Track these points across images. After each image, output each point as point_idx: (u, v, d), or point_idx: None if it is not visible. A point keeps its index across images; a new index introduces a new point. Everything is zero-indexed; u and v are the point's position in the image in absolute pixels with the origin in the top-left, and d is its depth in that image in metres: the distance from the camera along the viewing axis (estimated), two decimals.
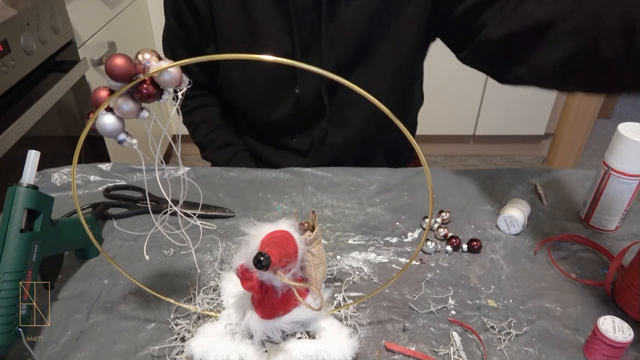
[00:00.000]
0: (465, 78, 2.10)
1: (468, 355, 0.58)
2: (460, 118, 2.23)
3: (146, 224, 0.78)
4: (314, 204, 0.83)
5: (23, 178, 0.56)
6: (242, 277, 0.49)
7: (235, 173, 0.90)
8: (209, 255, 0.72)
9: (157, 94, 0.47)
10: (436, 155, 2.41)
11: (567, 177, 0.90)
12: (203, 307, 0.62)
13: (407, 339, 0.60)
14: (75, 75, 1.28)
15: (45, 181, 0.85)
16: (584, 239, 0.76)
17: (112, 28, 1.63)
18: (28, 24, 1.11)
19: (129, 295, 0.65)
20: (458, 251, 0.73)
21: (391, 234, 0.77)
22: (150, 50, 0.46)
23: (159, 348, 0.57)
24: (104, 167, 0.90)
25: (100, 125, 0.47)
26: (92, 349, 0.58)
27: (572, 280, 0.69)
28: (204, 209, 0.79)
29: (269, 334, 0.54)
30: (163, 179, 0.84)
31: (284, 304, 0.53)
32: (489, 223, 0.79)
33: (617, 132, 0.71)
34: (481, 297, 0.66)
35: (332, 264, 0.70)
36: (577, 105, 2.14)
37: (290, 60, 0.41)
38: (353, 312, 0.63)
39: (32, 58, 1.14)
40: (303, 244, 0.53)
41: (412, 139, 0.45)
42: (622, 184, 0.73)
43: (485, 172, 0.91)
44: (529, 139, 2.38)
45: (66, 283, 0.67)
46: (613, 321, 0.56)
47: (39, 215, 0.57)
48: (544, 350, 0.58)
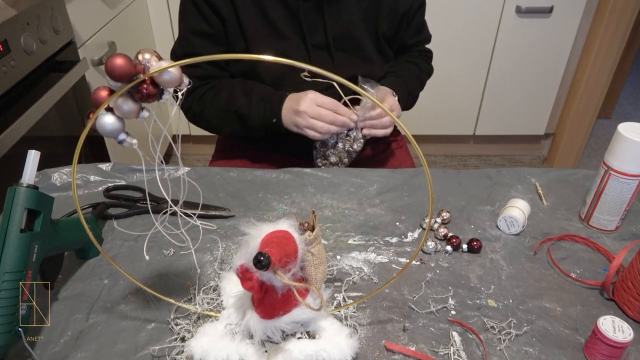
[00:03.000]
0: (465, 78, 2.10)
1: (468, 355, 0.58)
2: (460, 118, 2.23)
3: (146, 224, 0.78)
4: (314, 204, 0.83)
5: (23, 178, 0.56)
6: (242, 277, 0.49)
7: (235, 173, 0.90)
8: (209, 255, 0.72)
9: (157, 94, 0.47)
10: (436, 155, 2.41)
11: (567, 177, 0.90)
12: (203, 307, 0.61)
13: (407, 339, 0.60)
14: (75, 75, 1.28)
15: (45, 181, 0.85)
16: (584, 239, 0.76)
17: (112, 28, 1.63)
18: (28, 24, 1.11)
19: (129, 295, 0.65)
20: (458, 251, 0.73)
21: (391, 234, 0.77)
22: (150, 50, 0.46)
23: (159, 348, 0.57)
24: (104, 167, 0.90)
25: (100, 125, 0.47)
26: (92, 349, 0.58)
27: (572, 280, 0.69)
28: (204, 209, 0.79)
29: (269, 334, 0.54)
30: (163, 179, 0.84)
31: (284, 304, 0.53)
32: (489, 223, 0.79)
33: (617, 132, 0.71)
34: (481, 297, 0.66)
35: (332, 264, 0.70)
36: (577, 105, 2.14)
37: (290, 60, 0.41)
38: (353, 312, 0.63)
39: (32, 58, 1.14)
40: (303, 244, 0.53)
41: (412, 138, 0.45)
42: (622, 184, 0.73)
43: (485, 172, 0.91)
44: (529, 139, 2.38)
45: (66, 283, 0.67)
46: (613, 321, 0.56)
47: (39, 215, 0.57)
48: (544, 350, 0.58)
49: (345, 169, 0.92)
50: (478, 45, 2.03)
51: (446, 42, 2.00)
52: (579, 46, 2.08)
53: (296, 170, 0.91)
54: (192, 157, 2.37)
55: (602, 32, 1.96)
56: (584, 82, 2.09)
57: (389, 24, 0.99)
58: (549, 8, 1.92)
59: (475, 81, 2.13)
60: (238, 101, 0.95)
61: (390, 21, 0.99)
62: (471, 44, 2.03)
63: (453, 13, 1.95)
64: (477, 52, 2.05)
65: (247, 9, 0.93)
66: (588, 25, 2.03)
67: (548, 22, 1.97)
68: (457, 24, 1.98)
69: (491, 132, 2.31)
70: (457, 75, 2.11)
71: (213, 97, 0.98)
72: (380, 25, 0.98)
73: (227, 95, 0.96)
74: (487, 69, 2.10)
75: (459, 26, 1.98)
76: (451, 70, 2.08)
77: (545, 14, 1.94)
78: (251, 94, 0.94)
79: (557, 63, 2.08)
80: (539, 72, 2.10)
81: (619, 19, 1.92)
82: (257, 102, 0.93)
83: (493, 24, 1.98)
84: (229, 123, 0.98)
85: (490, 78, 2.12)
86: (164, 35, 2.02)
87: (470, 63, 2.08)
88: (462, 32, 1.99)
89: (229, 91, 0.97)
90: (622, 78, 2.63)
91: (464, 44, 2.03)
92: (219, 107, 0.97)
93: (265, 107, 0.93)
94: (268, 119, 0.93)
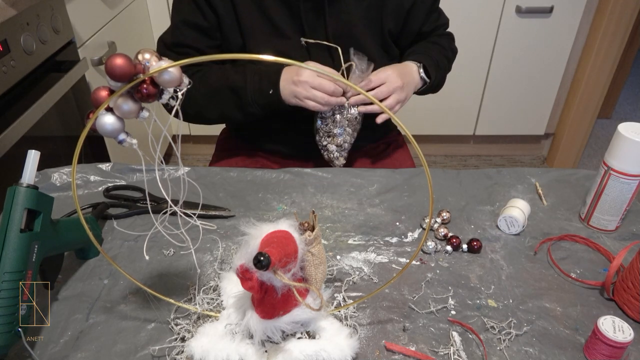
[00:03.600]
0: (465, 78, 2.10)
1: (468, 355, 0.58)
2: (460, 118, 2.23)
3: (146, 224, 0.78)
4: (314, 204, 0.83)
5: (23, 178, 0.56)
6: (242, 277, 0.49)
7: (235, 173, 0.90)
8: (209, 255, 0.72)
9: (157, 94, 0.47)
10: (436, 155, 2.41)
11: (567, 177, 0.90)
12: (203, 307, 0.61)
13: (407, 339, 0.60)
14: (75, 75, 1.28)
15: (45, 181, 0.85)
16: (584, 239, 0.76)
17: (112, 28, 1.63)
18: (28, 24, 1.11)
19: (129, 295, 0.65)
20: (458, 251, 0.73)
21: (391, 234, 0.77)
22: (150, 50, 0.46)
23: (159, 348, 0.57)
24: (104, 167, 0.90)
25: (100, 125, 0.47)
26: (92, 349, 0.58)
27: (572, 280, 0.69)
28: (204, 209, 0.79)
29: (269, 334, 0.54)
30: (163, 179, 0.84)
31: (284, 304, 0.53)
32: (489, 223, 0.79)
33: (617, 132, 0.71)
34: (481, 297, 0.66)
35: (332, 264, 0.70)
36: (577, 105, 2.14)
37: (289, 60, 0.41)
38: (353, 312, 0.63)
39: (32, 58, 1.14)
40: (303, 244, 0.53)
41: (412, 138, 0.45)
42: (622, 184, 0.73)
43: (485, 172, 0.91)
44: (529, 139, 2.38)
45: (66, 283, 0.67)
46: (613, 321, 0.56)
47: (39, 215, 0.57)
48: (544, 350, 0.58)
49: (345, 169, 0.92)
50: (478, 45, 2.03)
51: None
52: (579, 46, 2.08)
53: (296, 170, 0.91)
54: (192, 157, 2.37)
55: (602, 32, 1.96)
56: (584, 82, 2.09)
57: (394, 19, 0.99)
58: (549, 8, 1.92)
59: (475, 81, 2.14)
60: (231, 77, 0.92)
61: (397, 17, 0.99)
62: (471, 44, 2.03)
63: (453, 13, 1.93)
64: (477, 52, 2.05)
65: (246, 6, 0.93)
66: (588, 25, 2.03)
67: (548, 22, 1.97)
68: (457, 24, 1.96)
69: (491, 132, 2.31)
70: (457, 75, 2.10)
71: (201, 78, 0.94)
72: (386, 22, 0.98)
73: (218, 74, 0.94)
74: (487, 69, 2.10)
75: (459, 26, 1.97)
76: (451, 70, 2.08)
77: (545, 14, 1.94)
78: (245, 70, 0.93)
79: (557, 63, 2.08)
80: (539, 72, 2.10)
81: (619, 19, 1.92)
82: (252, 76, 0.91)
83: (493, 24, 1.98)
84: (221, 102, 0.94)
85: (490, 78, 2.12)
86: None
87: (470, 63, 2.08)
88: (462, 32, 1.99)
89: (220, 71, 0.95)
90: (622, 78, 2.63)
91: (464, 44, 2.02)
92: (210, 86, 0.93)
93: (262, 80, 0.90)
94: (264, 91, 0.90)
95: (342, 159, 1.00)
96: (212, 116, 0.98)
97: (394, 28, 1.00)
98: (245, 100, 0.91)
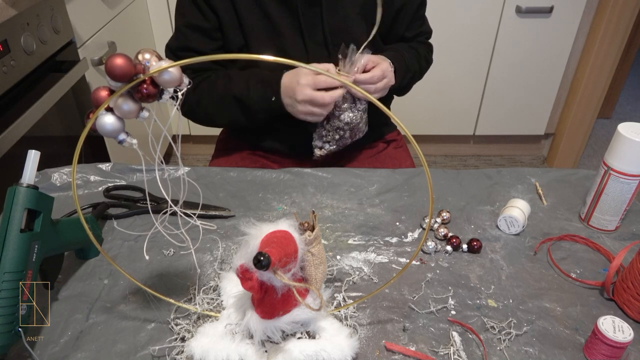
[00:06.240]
0: (465, 78, 2.10)
1: (468, 355, 0.58)
2: (460, 118, 2.23)
3: (146, 224, 0.78)
4: (314, 204, 0.83)
5: (23, 178, 0.56)
6: (242, 277, 0.49)
7: (235, 173, 0.90)
8: (209, 255, 0.72)
9: (157, 94, 0.47)
10: (436, 155, 2.41)
11: (567, 177, 0.90)
12: (203, 307, 0.61)
13: (407, 339, 0.60)
14: (75, 75, 1.28)
15: (45, 181, 0.85)
16: (584, 239, 0.76)
17: (112, 28, 1.63)
18: (28, 24, 1.11)
19: (129, 295, 0.65)
20: (458, 251, 0.73)
21: (391, 234, 0.77)
22: (150, 50, 0.46)
23: (159, 348, 0.57)
24: (104, 167, 0.90)
25: (100, 125, 0.47)
26: (92, 349, 0.58)
27: (572, 280, 0.69)
28: (204, 209, 0.79)
29: (269, 334, 0.54)
30: (163, 179, 0.84)
31: (284, 304, 0.53)
32: (489, 223, 0.79)
33: (617, 132, 0.71)
34: (481, 297, 0.66)
35: (332, 264, 0.70)
36: (577, 105, 2.14)
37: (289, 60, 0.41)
38: (353, 312, 0.63)
39: (32, 58, 1.14)
40: (303, 244, 0.53)
41: (412, 138, 0.45)
42: (622, 184, 0.73)
43: (485, 172, 0.91)
44: (529, 139, 2.38)
45: (66, 283, 0.67)
46: (613, 321, 0.56)
47: (39, 215, 0.57)
48: (544, 350, 0.58)
49: (345, 169, 0.92)
50: (478, 45, 2.04)
51: (446, 42, 2.00)
52: (579, 46, 2.08)
53: (296, 170, 0.91)
54: (192, 157, 2.37)
55: (602, 32, 1.96)
56: (584, 82, 2.09)
57: (384, 18, 1.00)
58: (549, 8, 1.92)
59: (475, 81, 2.14)
60: (236, 86, 0.95)
61: (386, 16, 1.00)
62: (471, 44, 2.03)
63: (453, 13, 1.95)
64: (477, 52, 2.05)
65: (246, 5, 0.93)
66: (588, 25, 2.03)
67: (548, 22, 1.97)
68: (457, 24, 1.98)
69: (491, 132, 2.31)
70: (457, 75, 2.11)
71: (209, 87, 0.98)
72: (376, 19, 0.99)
73: (224, 82, 0.97)
74: (487, 69, 2.10)
75: (459, 26, 1.98)
76: (451, 70, 2.08)
77: (545, 14, 1.94)
78: (248, 79, 0.95)
79: (557, 63, 2.08)
80: (539, 72, 2.10)
81: (619, 19, 1.92)
82: (255, 84, 0.94)
83: (493, 24, 1.98)
84: (228, 110, 0.98)
85: (490, 78, 2.13)
86: (164, 36, 2.02)
87: (470, 63, 2.08)
88: (462, 32, 1.99)
89: (226, 79, 0.97)
90: (622, 78, 2.63)
91: (464, 44, 2.03)
92: (217, 95, 0.97)
93: (265, 88, 0.93)
94: (267, 99, 0.93)
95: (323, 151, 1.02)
96: (222, 122, 1.03)
97: (382, 26, 1.00)
98: (251, 108, 0.95)
